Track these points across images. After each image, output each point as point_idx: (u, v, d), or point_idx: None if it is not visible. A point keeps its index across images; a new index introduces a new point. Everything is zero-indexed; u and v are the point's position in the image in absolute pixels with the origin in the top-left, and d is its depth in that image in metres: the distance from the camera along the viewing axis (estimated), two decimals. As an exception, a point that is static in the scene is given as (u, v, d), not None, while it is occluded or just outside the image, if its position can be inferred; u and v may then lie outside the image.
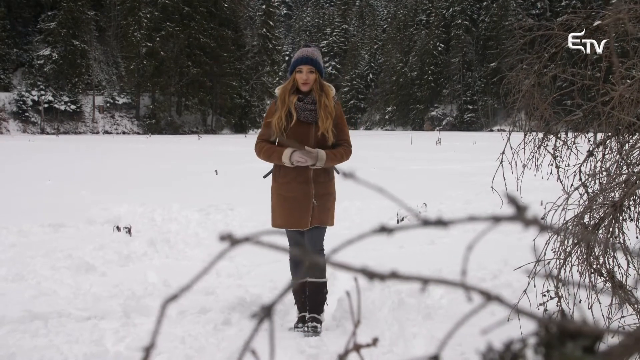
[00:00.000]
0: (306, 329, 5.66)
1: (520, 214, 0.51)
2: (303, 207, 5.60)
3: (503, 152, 3.92)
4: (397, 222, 10.93)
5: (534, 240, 3.79)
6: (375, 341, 0.68)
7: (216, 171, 19.57)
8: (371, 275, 0.50)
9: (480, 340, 4.15)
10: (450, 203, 13.28)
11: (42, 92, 77.31)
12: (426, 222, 0.54)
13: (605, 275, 3.85)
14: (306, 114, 5.57)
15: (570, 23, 4.00)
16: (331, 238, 9.39)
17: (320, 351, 5.00)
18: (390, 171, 23.28)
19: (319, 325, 5.68)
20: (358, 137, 70.25)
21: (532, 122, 4.04)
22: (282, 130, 5.55)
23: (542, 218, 3.64)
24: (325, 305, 5.87)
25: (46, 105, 76.83)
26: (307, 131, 5.59)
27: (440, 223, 0.53)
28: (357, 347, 0.67)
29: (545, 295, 3.52)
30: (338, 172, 5.80)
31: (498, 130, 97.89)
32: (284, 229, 5.66)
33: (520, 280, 6.82)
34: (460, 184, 17.55)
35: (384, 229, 0.55)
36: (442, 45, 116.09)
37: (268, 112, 5.83)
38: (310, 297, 5.79)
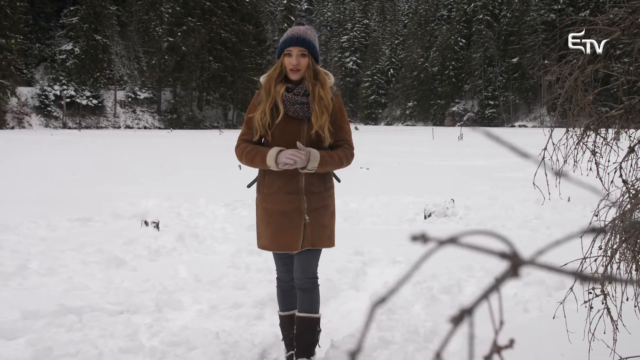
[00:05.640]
0: None
1: None
2: (292, 224, 4.51)
3: (545, 148, 3.89)
4: (425, 217, 10.89)
5: (580, 237, 3.77)
6: (512, 342, 0.66)
7: (240, 166, 19.57)
8: (583, 278, 0.48)
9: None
10: (477, 199, 13.22)
11: (64, 87, 77.81)
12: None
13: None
14: (296, 107, 4.46)
15: (614, 18, 3.95)
16: (360, 233, 9.46)
17: (354, 347, 4.96)
18: (414, 166, 23.26)
19: None
20: (379, 132, 70.28)
21: (574, 118, 4.00)
22: (266, 127, 4.47)
23: (595, 215, 3.60)
24: (317, 347, 4.86)
25: (68, 100, 77.29)
26: (298, 129, 4.49)
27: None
28: (498, 349, 0.65)
29: (590, 293, 3.48)
30: (339, 181, 4.89)
31: (519, 126, 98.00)
32: (270, 251, 4.72)
33: (550, 277, 6.77)
34: (485, 180, 17.50)
35: (594, 230, 0.53)
36: (464, 41, 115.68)
37: (250, 105, 4.67)
38: (298, 337, 4.74)
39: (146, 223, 9.88)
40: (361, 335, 0.52)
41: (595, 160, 4.18)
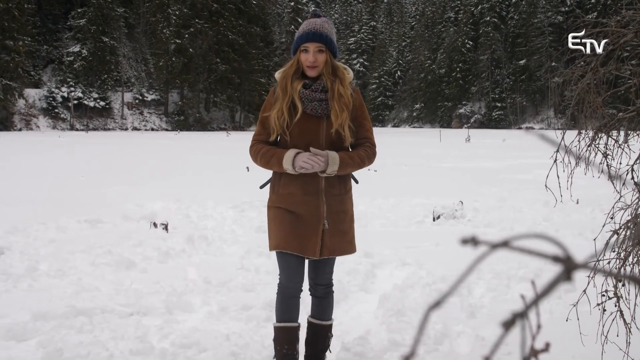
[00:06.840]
0: None
1: None
2: (310, 229, 4.23)
3: (557, 150, 3.87)
4: (433, 219, 10.87)
5: (594, 240, 3.76)
6: (548, 346, 0.66)
7: (247, 168, 19.57)
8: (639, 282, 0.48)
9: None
10: (484, 200, 13.21)
11: (72, 89, 78.08)
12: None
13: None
14: (314, 104, 4.19)
15: (622, 20, 3.95)
16: (369, 235, 9.43)
17: (365, 349, 4.96)
18: (422, 168, 23.25)
19: None
20: (386, 134, 70.20)
21: (587, 120, 3.99)
22: (284, 127, 4.21)
23: (611, 217, 3.59)
24: (328, 352, 4.68)
25: (75, 102, 77.59)
26: (317, 128, 4.24)
27: None
28: (535, 353, 0.64)
29: (604, 295, 3.47)
30: (357, 182, 4.64)
31: (527, 127, 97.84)
32: (283, 251, 4.26)
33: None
34: (492, 182, 17.49)
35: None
36: (471, 43, 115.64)
37: (265, 103, 4.38)
38: (309, 343, 4.60)
39: (155, 225, 9.88)
40: (415, 340, 0.51)
41: (607, 162, 4.17)
